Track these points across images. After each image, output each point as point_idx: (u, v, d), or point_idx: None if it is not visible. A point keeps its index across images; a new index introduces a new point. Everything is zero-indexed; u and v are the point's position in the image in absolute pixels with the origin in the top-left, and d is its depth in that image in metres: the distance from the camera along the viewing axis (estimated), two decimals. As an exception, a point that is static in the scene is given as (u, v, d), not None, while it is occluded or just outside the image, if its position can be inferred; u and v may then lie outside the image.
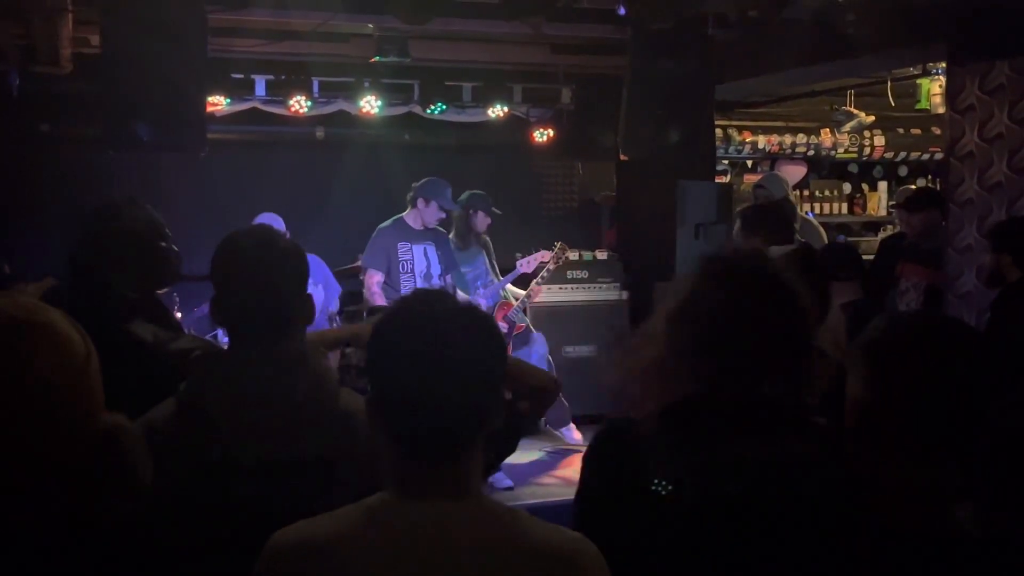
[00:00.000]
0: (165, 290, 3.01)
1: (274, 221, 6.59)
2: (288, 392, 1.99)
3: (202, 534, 1.93)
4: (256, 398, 1.98)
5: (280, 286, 2.06)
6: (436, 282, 6.58)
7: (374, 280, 6.58)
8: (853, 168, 9.93)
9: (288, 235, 6.49)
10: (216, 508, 1.93)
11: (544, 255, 7.11)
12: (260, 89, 7.66)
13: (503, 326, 6.90)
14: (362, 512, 1.55)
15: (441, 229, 6.84)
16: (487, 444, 1.95)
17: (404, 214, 6.76)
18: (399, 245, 6.67)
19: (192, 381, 2.05)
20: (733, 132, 9.06)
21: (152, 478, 1.86)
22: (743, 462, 1.69)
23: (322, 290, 6.83)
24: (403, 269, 6.65)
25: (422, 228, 6.71)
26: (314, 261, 6.60)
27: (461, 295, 6.47)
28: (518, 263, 7.10)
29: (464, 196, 6.98)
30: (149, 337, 2.63)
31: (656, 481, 1.71)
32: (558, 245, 7.11)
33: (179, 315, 5.68)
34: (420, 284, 6.53)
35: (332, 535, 1.53)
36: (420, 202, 6.67)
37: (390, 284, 6.57)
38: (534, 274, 7.11)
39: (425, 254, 6.70)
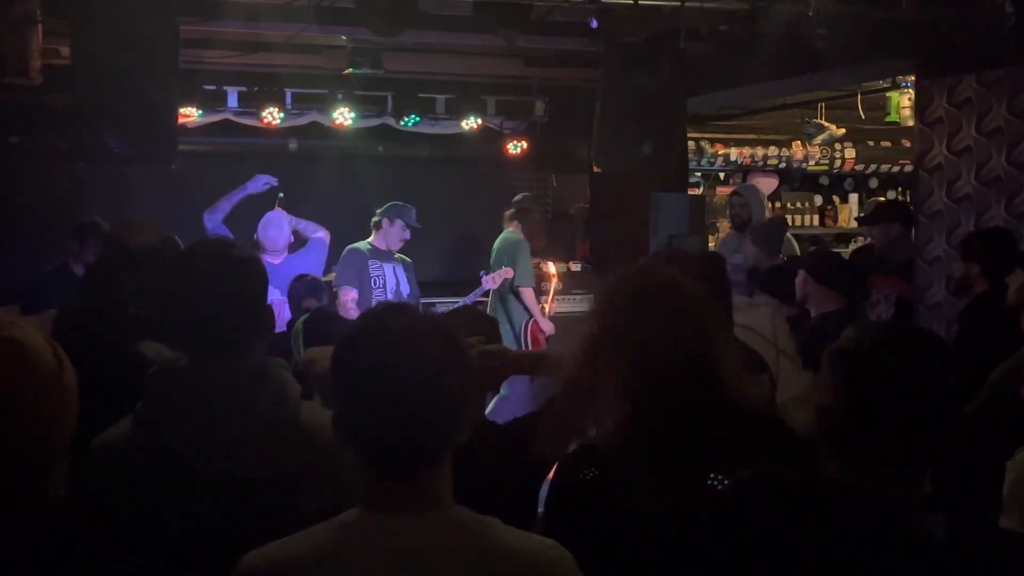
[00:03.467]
0: None
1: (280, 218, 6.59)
2: (248, 407, 1.95)
3: (163, 554, 1.89)
4: (215, 414, 1.94)
5: (237, 299, 2.02)
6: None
7: (349, 296, 6.60)
8: (824, 180, 10.00)
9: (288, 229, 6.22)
10: (176, 527, 1.90)
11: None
12: (232, 100, 7.64)
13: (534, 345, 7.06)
14: (336, 529, 1.54)
15: (407, 258, 6.92)
16: None
17: (371, 238, 6.85)
18: (370, 263, 6.74)
19: (149, 398, 2.00)
20: (705, 144, 9.10)
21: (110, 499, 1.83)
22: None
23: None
24: (375, 285, 6.69)
25: (387, 250, 6.80)
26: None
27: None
28: (484, 279, 7.15)
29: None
30: (153, 356, 2.60)
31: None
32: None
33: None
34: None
35: (307, 553, 1.52)
36: (385, 222, 6.79)
37: (361, 301, 6.58)
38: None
39: (395, 272, 6.76)
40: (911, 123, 6.54)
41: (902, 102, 7.28)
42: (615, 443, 1.87)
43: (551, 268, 8.16)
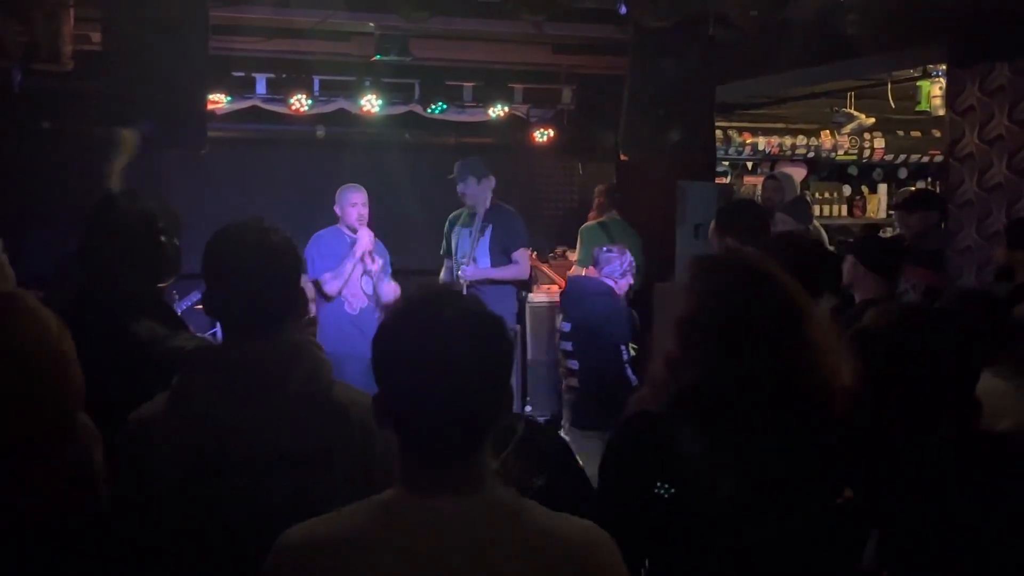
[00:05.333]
0: (167, 284, 2.99)
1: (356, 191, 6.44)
2: (281, 385, 1.98)
3: (196, 528, 1.92)
4: (249, 391, 1.96)
5: (272, 280, 2.05)
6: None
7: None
8: (853, 170, 9.92)
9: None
10: (210, 502, 1.92)
11: None
12: (261, 87, 7.68)
13: None
14: (376, 508, 1.54)
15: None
16: None
17: None
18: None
19: (184, 375, 2.03)
20: (733, 133, 9.06)
21: (130, 480, 1.85)
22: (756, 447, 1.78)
23: None
24: None
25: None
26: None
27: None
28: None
29: None
30: (147, 335, 2.63)
31: (659, 484, 1.77)
32: None
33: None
34: None
35: (346, 532, 1.52)
36: None
37: None
38: None
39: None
40: (941, 112, 6.48)
41: (933, 91, 7.22)
42: (685, 412, 1.91)
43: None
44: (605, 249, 6.35)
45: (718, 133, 8.36)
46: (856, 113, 8.41)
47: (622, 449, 2.00)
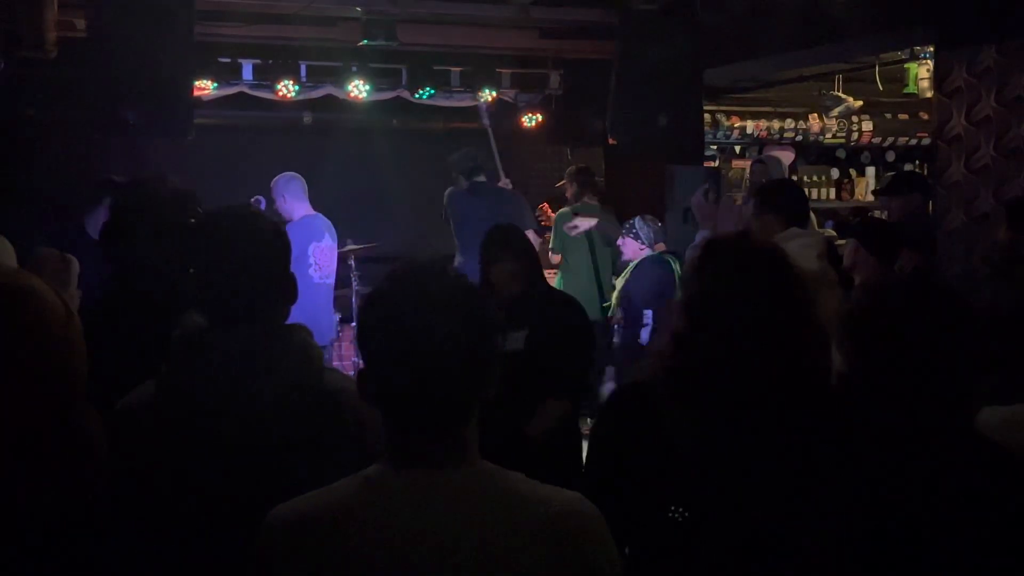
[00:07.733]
0: None
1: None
2: (271, 370, 1.96)
3: (185, 515, 1.91)
4: (238, 377, 1.95)
5: (260, 265, 2.03)
6: None
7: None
8: (841, 153, 9.91)
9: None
10: (199, 489, 1.91)
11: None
12: (247, 73, 7.65)
13: None
14: (360, 483, 1.54)
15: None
16: None
17: None
18: None
19: (173, 362, 2.01)
20: (721, 117, 9.03)
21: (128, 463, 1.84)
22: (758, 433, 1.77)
23: None
24: None
25: None
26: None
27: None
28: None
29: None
30: (192, 324, 2.59)
31: (672, 508, 1.76)
32: None
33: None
34: None
35: (332, 507, 1.52)
36: None
37: None
38: None
39: None
40: (929, 95, 6.47)
41: (920, 73, 7.21)
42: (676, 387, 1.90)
43: None
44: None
45: (706, 117, 8.34)
46: (844, 96, 8.40)
47: (608, 420, 2.00)
